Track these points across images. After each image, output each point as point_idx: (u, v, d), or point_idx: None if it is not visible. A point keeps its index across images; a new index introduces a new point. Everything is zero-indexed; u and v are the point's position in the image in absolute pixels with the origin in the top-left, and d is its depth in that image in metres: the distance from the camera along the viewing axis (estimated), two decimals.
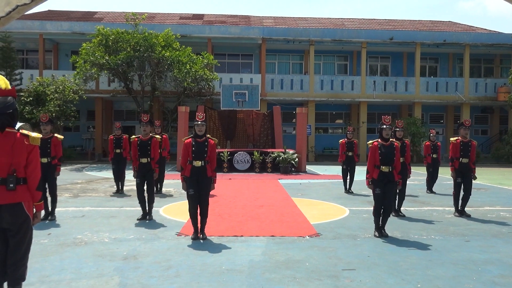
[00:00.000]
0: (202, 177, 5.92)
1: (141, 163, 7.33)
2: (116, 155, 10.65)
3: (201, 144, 5.96)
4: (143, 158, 7.32)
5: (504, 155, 24.29)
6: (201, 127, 6.00)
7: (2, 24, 3.63)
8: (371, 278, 4.37)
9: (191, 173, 5.91)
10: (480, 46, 26.22)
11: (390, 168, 6.18)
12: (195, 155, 5.91)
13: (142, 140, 7.39)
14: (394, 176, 6.22)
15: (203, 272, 4.50)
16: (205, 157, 5.94)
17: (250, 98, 21.01)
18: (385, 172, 6.16)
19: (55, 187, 7.34)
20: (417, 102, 25.60)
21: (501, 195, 11.07)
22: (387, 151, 6.19)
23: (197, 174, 5.90)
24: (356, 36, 25.56)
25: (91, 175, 15.72)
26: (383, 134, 6.30)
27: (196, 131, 6.01)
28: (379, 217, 6.23)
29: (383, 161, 6.18)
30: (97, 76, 21.14)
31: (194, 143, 5.95)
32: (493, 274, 4.54)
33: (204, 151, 5.94)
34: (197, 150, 5.91)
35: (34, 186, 3.36)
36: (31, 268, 3.93)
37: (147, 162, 7.33)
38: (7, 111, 3.26)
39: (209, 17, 30.07)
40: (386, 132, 6.27)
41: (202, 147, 5.94)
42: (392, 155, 6.20)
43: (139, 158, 7.34)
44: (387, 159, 6.18)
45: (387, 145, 6.24)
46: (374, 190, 6.24)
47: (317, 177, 15.52)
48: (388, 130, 6.27)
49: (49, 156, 7.19)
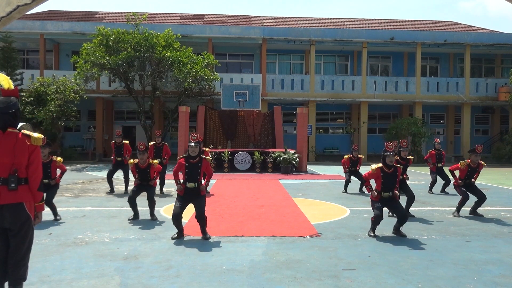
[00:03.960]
0: (196, 197, 5.94)
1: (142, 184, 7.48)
2: (118, 162, 10.73)
3: (195, 165, 5.90)
4: (144, 181, 7.48)
5: (505, 155, 24.27)
6: (194, 148, 5.88)
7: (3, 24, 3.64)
8: (372, 278, 4.37)
9: (184, 193, 5.93)
10: (481, 46, 26.20)
11: (391, 194, 6.24)
12: (188, 177, 5.87)
13: (140, 168, 7.48)
14: (395, 197, 6.27)
15: (204, 272, 4.50)
16: (199, 179, 5.92)
17: (250, 98, 21.01)
18: (385, 198, 6.23)
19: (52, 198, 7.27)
20: (417, 102, 25.59)
21: (502, 195, 11.06)
22: (390, 179, 6.22)
23: (190, 195, 5.92)
24: (357, 36, 25.56)
25: (92, 175, 15.73)
26: (386, 161, 6.28)
27: (190, 152, 5.92)
28: (377, 225, 6.26)
29: (384, 188, 6.22)
30: (97, 76, 21.16)
31: (187, 164, 5.90)
32: (493, 274, 4.54)
33: (197, 172, 5.89)
34: (190, 172, 5.87)
35: (36, 186, 3.37)
36: (32, 268, 3.94)
37: (147, 184, 7.48)
38: (9, 111, 3.27)
39: (209, 17, 30.08)
40: (390, 159, 6.26)
41: (195, 168, 5.89)
42: (394, 183, 6.25)
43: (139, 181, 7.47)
44: (389, 186, 6.22)
45: (390, 172, 6.26)
46: (373, 206, 6.30)
47: (317, 177, 15.51)
48: (392, 157, 6.26)
49: (49, 179, 7.24)
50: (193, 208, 6.06)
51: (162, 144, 10.83)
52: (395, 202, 6.27)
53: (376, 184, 6.30)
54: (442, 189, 11.36)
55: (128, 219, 7.24)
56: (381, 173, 6.23)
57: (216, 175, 15.31)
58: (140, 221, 7.17)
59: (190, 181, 5.88)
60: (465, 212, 8.13)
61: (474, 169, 7.96)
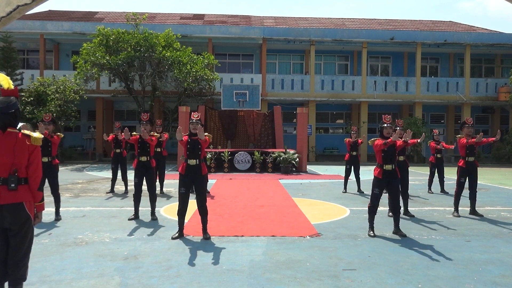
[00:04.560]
0: (197, 176, 5.95)
1: (140, 162, 7.33)
2: (116, 155, 10.69)
3: (196, 142, 5.96)
4: (143, 157, 7.32)
5: (505, 155, 24.27)
6: (195, 125, 5.99)
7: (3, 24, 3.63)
8: (372, 278, 4.37)
9: (186, 171, 5.94)
10: (481, 46, 26.20)
11: (393, 166, 6.22)
12: (189, 153, 5.95)
13: (143, 139, 7.39)
14: (397, 173, 6.28)
15: (204, 272, 4.50)
16: (200, 155, 5.97)
17: (250, 98, 21.01)
18: (388, 170, 6.21)
19: (57, 187, 7.36)
20: (417, 102, 25.60)
21: (502, 195, 11.06)
22: (389, 149, 6.21)
23: (192, 172, 5.93)
24: (357, 36, 25.56)
25: (92, 175, 15.73)
26: (384, 133, 6.33)
27: (191, 129, 6.02)
28: (373, 215, 6.28)
29: (385, 160, 6.21)
30: (97, 76, 21.16)
31: (189, 140, 5.97)
32: (494, 274, 4.54)
33: (198, 148, 5.95)
34: (192, 148, 5.93)
35: (36, 186, 3.36)
36: (32, 268, 3.94)
37: (147, 160, 7.34)
38: (9, 111, 3.27)
39: (209, 17, 30.08)
40: (387, 131, 6.30)
41: (196, 145, 5.95)
42: (394, 153, 6.25)
43: (138, 156, 7.34)
44: (389, 157, 6.21)
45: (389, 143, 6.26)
46: (373, 189, 6.29)
47: (317, 177, 15.51)
48: (389, 129, 6.30)
49: (50, 156, 7.21)
50: (193, 209, 6.06)
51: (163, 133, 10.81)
52: (395, 182, 6.25)
53: (377, 158, 6.29)
54: (441, 189, 11.36)
55: (128, 219, 7.24)
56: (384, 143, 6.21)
57: (216, 175, 15.31)
58: (140, 221, 7.17)
59: (192, 158, 5.92)
60: (465, 212, 8.14)
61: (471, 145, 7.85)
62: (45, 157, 7.04)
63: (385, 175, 6.22)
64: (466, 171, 7.94)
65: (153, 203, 7.37)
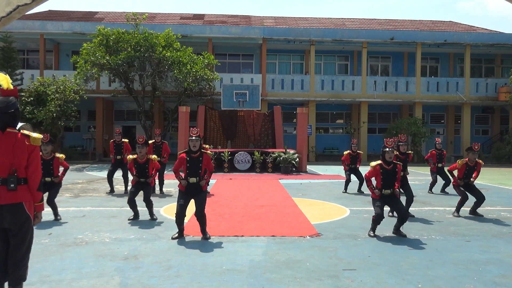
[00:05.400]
0: (198, 192, 5.92)
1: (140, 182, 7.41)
2: (117, 161, 10.70)
3: (196, 160, 5.88)
4: (142, 178, 7.40)
5: (505, 155, 24.27)
6: (195, 142, 5.86)
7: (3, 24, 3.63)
8: (372, 278, 4.37)
9: (186, 188, 5.89)
10: (481, 46, 26.20)
11: (391, 190, 6.20)
12: (189, 172, 5.86)
13: (139, 163, 7.41)
14: (395, 196, 6.25)
15: (204, 272, 4.50)
16: (200, 173, 5.90)
17: (250, 98, 21.01)
18: (386, 195, 6.20)
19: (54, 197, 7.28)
20: (417, 102, 25.60)
21: (502, 195, 11.05)
22: (389, 175, 6.20)
23: (192, 190, 5.89)
24: (357, 36, 25.56)
25: (92, 175, 15.73)
26: (386, 157, 6.25)
27: (190, 146, 5.89)
28: (377, 224, 6.24)
29: (384, 185, 6.20)
30: (97, 76, 21.14)
31: (188, 159, 5.88)
32: (493, 274, 4.54)
33: (198, 167, 5.88)
34: (192, 167, 5.86)
35: (35, 186, 3.36)
36: (32, 268, 3.94)
37: (145, 181, 7.41)
38: (8, 111, 3.27)
39: (209, 17, 30.08)
40: (389, 155, 6.23)
41: (196, 163, 5.87)
42: (394, 179, 6.23)
43: (137, 178, 7.39)
44: (389, 183, 6.20)
45: (389, 169, 6.24)
46: (374, 204, 6.28)
47: (317, 177, 15.51)
48: (391, 153, 6.23)
49: (52, 176, 7.26)
50: (193, 208, 6.06)
51: (162, 142, 10.82)
52: (396, 200, 6.25)
53: (376, 182, 6.28)
54: (442, 189, 11.35)
55: (128, 219, 7.24)
56: (381, 170, 6.22)
57: (216, 175, 15.31)
58: (140, 221, 7.17)
59: (192, 176, 5.86)
60: (465, 212, 8.13)
61: (472, 167, 7.92)
62: (47, 177, 7.12)
63: (383, 198, 6.23)
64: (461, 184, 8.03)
65: (150, 209, 7.38)
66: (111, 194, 10.46)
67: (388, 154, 6.23)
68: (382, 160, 6.30)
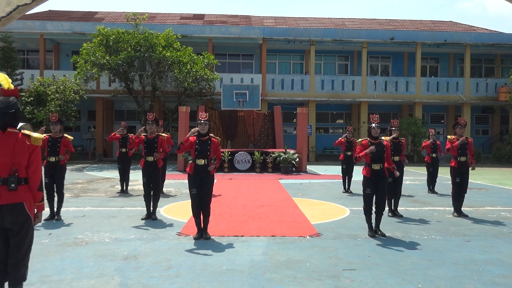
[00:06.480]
0: (205, 175, 6.01)
1: (147, 161, 7.37)
2: (122, 154, 10.70)
3: (204, 143, 6.06)
4: (150, 157, 7.37)
5: (505, 155, 24.27)
6: (204, 126, 6.08)
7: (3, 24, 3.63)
8: (372, 278, 4.37)
9: (194, 171, 6.01)
10: (481, 46, 26.20)
11: (381, 165, 6.24)
12: (198, 153, 6.01)
13: (148, 138, 7.44)
14: (385, 172, 6.29)
15: (204, 272, 4.50)
16: (208, 155, 6.05)
17: (250, 98, 21.00)
18: (376, 170, 6.23)
19: (63, 186, 7.40)
20: (417, 102, 25.60)
21: (502, 195, 11.06)
22: (377, 149, 6.22)
23: (200, 172, 6.00)
24: (357, 36, 25.56)
25: (92, 175, 15.73)
26: (372, 133, 6.35)
27: (199, 130, 6.09)
28: (370, 215, 6.29)
29: (373, 159, 6.23)
30: (97, 76, 21.15)
31: (198, 141, 6.05)
32: (494, 274, 4.54)
33: (207, 149, 6.04)
34: (201, 149, 6.02)
35: (36, 186, 3.36)
36: (32, 268, 3.94)
37: (153, 160, 7.38)
38: (9, 111, 3.27)
39: (209, 17, 30.08)
40: (375, 131, 6.32)
41: (205, 145, 6.05)
42: (382, 153, 6.26)
43: (145, 156, 7.38)
44: (377, 157, 6.23)
45: (376, 143, 6.29)
46: (364, 189, 6.30)
47: (317, 177, 15.51)
48: (377, 129, 6.32)
49: (57, 156, 7.25)
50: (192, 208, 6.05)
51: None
52: (383, 184, 6.26)
53: (365, 158, 6.31)
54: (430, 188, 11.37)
55: (141, 218, 7.26)
56: (369, 144, 6.28)
57: (216, 175, 15.18)
58: (140, 221, 7.17)
59: (200, 158, 6.00)
60: (465, 212, 8.13)
61: (464, 145, 7.87)
62: (52, 156, 7.17)
63: (374, 174, 6.24)
64: (458, 170, 7.95)
65: (155, 203, 7.41)
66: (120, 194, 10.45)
67: (374, 130, 6.31)
68: (369, 136, 6.39)
